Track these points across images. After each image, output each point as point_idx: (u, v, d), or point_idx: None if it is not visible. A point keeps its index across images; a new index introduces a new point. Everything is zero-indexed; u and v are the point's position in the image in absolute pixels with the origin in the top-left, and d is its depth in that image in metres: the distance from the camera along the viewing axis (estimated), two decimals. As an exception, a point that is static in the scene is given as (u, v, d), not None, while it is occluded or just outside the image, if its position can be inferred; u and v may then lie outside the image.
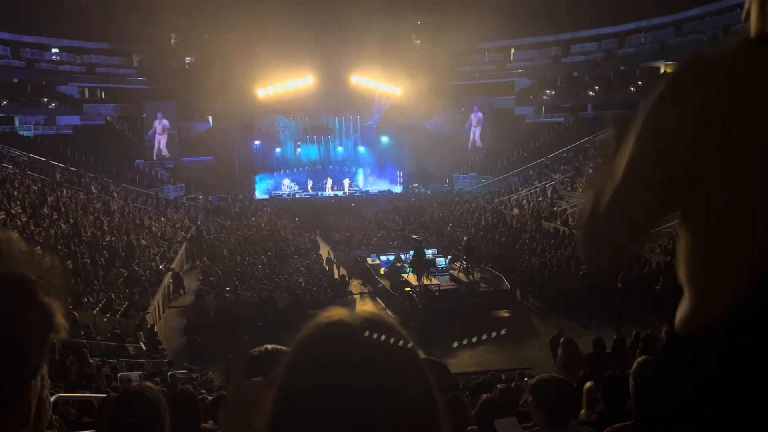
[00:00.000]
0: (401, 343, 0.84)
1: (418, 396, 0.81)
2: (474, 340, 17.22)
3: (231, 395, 1.51)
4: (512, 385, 7.12)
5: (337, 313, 0.85)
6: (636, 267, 20.25)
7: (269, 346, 1.49)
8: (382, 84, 47.60)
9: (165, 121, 47.57)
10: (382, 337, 0.82)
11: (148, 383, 2.53)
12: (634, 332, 11.31)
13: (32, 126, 44.80)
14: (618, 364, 7.22)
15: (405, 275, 21.97)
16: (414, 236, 25.49)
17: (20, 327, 0.79)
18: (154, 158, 47.42)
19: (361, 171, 49.08)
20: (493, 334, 17.21)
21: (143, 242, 25.19)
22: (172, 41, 51.30)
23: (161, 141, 47.77)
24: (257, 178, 46.36)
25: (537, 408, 3.25)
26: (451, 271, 22.69)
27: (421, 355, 0.89)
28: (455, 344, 16.90)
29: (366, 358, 0.79)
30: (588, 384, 5.10)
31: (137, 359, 14.55)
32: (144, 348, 15.74)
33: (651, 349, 9.52)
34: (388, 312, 20.55)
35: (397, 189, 47.60)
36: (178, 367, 14.16)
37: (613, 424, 3.16)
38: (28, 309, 0.80)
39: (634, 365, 3.17)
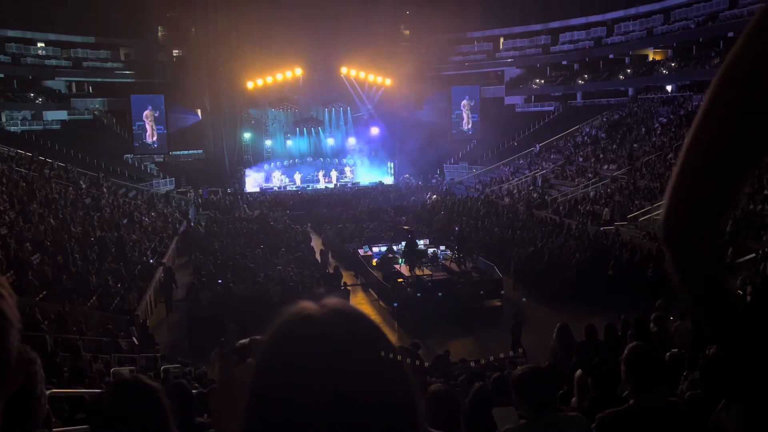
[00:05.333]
0: (372, 334, 0.82)
1: (392, 388, 0.79)
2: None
3: (224, 380, 1.49)
4: (505, 373, 7.16)
5: (304, 307, 0.82)
6: (626, 254, 20.38)
7: (256, 337, 1.48)
8: (371, 75, 47.45)
9: (154, 113, 47.23)
10: (352, 330, 0.80)
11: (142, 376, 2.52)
12: (622, 317, 11.40)
13: (19, 121, 44.40)
14: (610, 351, 7.26)
15: (397, 266, 22.00)
16: (406, 227, 25.48)
17: None
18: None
19: (351, 162, 48.89)
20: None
21: (134, 237, 25.05)
22: (160, 34, 50.87)
23: (149, 130, 47.37)
24: (247, 171, 46.15)
25: (519, 398, 3.32)
26: (443, 261, 22.74)
27: (396, 343, 0.88)
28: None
29: (336, 354, 0.77)
30: (578, 372, 5.14)
31: (130, 354, 14.51)
32: (137, 343, 15.69)
33: (643, 335, 9.59)
34: (381, 303, 20.59)
35: (389, 180, 47.51)
36: (172, 362, 14.12)
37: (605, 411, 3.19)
38: None
39: (626, 351, 3.17)
